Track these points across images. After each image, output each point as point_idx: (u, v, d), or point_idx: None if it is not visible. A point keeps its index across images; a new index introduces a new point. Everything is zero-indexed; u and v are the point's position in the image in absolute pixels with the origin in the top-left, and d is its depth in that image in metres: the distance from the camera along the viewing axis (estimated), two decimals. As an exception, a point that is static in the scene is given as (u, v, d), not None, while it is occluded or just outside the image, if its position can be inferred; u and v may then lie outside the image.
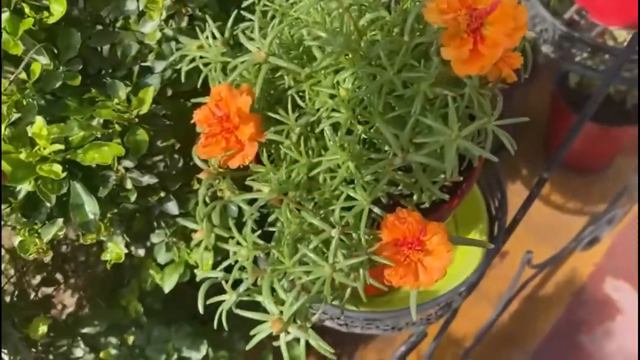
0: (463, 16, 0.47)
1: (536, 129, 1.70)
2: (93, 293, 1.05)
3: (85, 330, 0.95)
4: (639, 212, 1.56)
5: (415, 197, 0.60)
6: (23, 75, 0.59)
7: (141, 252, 0.74)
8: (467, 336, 1.45)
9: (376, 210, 0.53)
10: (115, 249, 0.68)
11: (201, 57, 0.62)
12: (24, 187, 0.61)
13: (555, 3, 1.24)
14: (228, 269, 0.56)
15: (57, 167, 0.58)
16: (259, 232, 0.54)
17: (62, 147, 0.57)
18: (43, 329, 0.82)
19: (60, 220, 0.62)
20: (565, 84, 1.53)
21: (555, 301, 1.52)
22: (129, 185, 0.64)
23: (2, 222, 0.64)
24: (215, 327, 0.54)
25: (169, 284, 0.76)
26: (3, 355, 0.80)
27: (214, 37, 0.62)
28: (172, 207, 0.70)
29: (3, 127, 0.58)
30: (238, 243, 0.54)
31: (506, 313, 1.47)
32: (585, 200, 1.64)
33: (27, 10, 0.60)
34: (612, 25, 1.11)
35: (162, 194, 0.69)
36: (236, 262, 0.54)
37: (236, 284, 0.56)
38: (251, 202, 0.55)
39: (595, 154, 1.62)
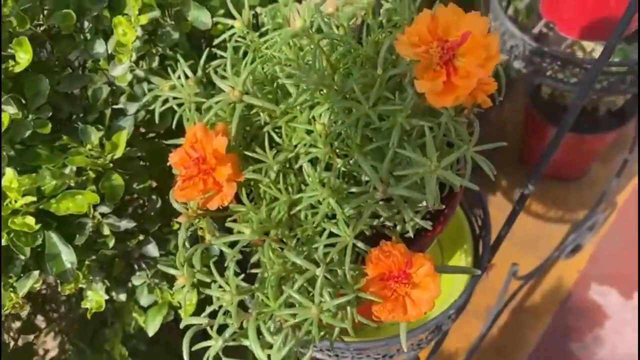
0: (435, 48, 0.47)
1: (512, 141, 1.72)
2: (76, 336, 1.02)
3: (68, 377, 0.92)
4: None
5: (398, 228, 0.59)
6: (-9, 126, 0.58)
7: (122, 296, 0.72)
8: (459, 352, 1.45)
9: (360, 245, 0.52)
10: (96, 297, 0.66)
11: (174, 98, 0.61)
12: (-3, 242, 0.59)
13: (523, 18, 1.26)
14: (213, 314, 0.55)
15: (30, 220, 0.56)
16: (242, 275, 0.53)
17: (34, 199, 0.56)
18: (24, 380, 0.79)
19: (36, 273, 0.60)
20: (538, 96, 1.54)
21: (543, 311, 1.52)
22: (106, 231, 0.63)
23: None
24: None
25: (152, 327, 0.74)
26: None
27: (187, 77, 0.61)
28: (152, 249, 0.68)
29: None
30: (221, 287, 0.53)
31: (495, 326, 1.47)
32: (564, 208, 1.65)
33: (-8, 60, 0.58)
34: (579, 38, 1.13)
35: (141, 237, 0.67)
36: (220, 306, 0.53)
37: (223, 327, 0.55)
38: (233, 243, 0.54)
39: (571, 162, 1.64)
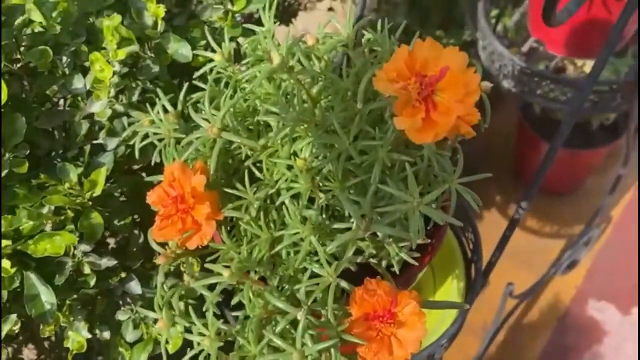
0: (413, 84, 0.46)
1: (505, 155, 1.71)
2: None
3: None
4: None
5: (384, 263, 0.58)
6: (-34, 167, 0.57)
7: (106, 334, 0.71)
8: (456, 373, 1.43)
9: (343, 284, 0.51)
10: (77, 338, 0.65)
11: (154, 133, 0.60)
12: (-27, 285, 0.57)
13: (512, 35, 1.26)
14: (196, 357, 0.53)
15: (6, 263, 0.55)
16: (222, 320, 0.51)
17: (9, 242, 0.55)
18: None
19: (13, 316, 0.59)
20: (530, 110, 1.54)
21: (541, 328, 1.50)
22: (87, 270, 0.61)
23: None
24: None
25: (138, 363, 0.73)
26: None
27: (166, 111, 0.60)
28: (135, 286, 0.67)
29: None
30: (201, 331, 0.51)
31: (493, 344, 1.45)
32: (559, 223, 1.64)
33: (-34, 100, 0.57)
34: (568, 56, 1.12)
35: (123, 275, 0.66)
36: (201, 350, 0.52)
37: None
38: (213, 285, 0.52)
39: (566, 176, 1.63)
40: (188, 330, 0.52)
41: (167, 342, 0.72)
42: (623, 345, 1.45)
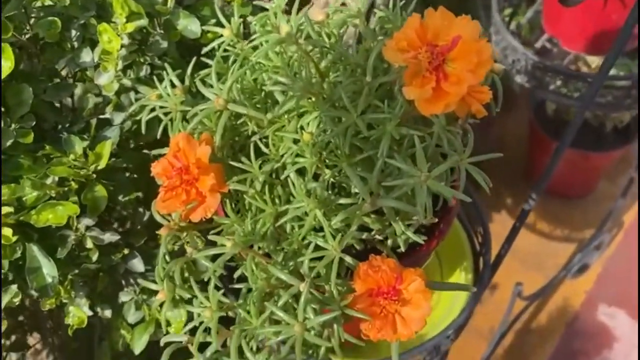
0: (424, 54, 0.45)
1: (516, 157, 1.69)
2: (68, 355, 0.99)
3: (56, 396, 0.90)
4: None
5: (390, 242, 0.57)
6: (-29, 135, 0.56)
7: (108, 313, 0.70)
8: (462, 375, 1.40)
9: (348, 259, 0.50)
10: (78, 313, 0.64)
11: (161, 107, 0.59)
12: (-26, 253, 0.57)
13: (526, 33, 1.25)
14: (195, 331, 0.52)
15: (8, 231, 0.54)
16: (223, 290, 0.50)
17: (11, 209, 0.54)
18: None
19: (14, 287, 0.58)
20: (542, 112, 1.52)
21: (549, 332, 1.48)
22: (89, 244, 0.61)
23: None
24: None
25: (139, 345, 0.72)
26: None
27: (174, 86, 0.60)
28: (138, 264, 0.66)
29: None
30: (202, 303, 0.50)
31: (500, 347, 1.43)
32: (570, 227, 1.62)
33: (-27, 68, 0.57)
34: (583, 52, 1.11)
35: (126, 251, 0.65)
36: (202, 323, 0.51)
37: (205, 345, 0.52)
38: (215, 257, 0.52)
39: (577, 180, 1.61)
40: (189, 302, 0.51)
41: (168, 324, 0.71)
42: (633, 352, 1.42)
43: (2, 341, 0.98)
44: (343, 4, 0.61)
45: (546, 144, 1.52)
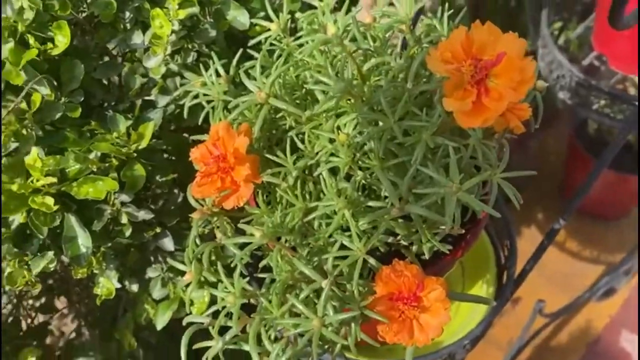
0: (467, 67, 0.45)
1: (553, 172, 1.67)
2: (92, 322, 1.03)
3: (76, 362, 0.93)
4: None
5: (414, 248, 0.57)
6: (24, 105, 0.59)
7: (135, 287, 0.73)
8: (475, 385, 1.40)
9: (371, 261, 0.51)
10: (107, 284, 0.66)
11: (204, 95, 0.61)
12: (17, 218, 0.60)
13: (574, 49, 1.23)
14: (217, 314, 0.54)
15: (50, 200, 0.57)
16: (248, 278, 0.52)
17: (54, 179, 0.57)
18: (32, 360, 0.80)
19: (50, 253, 0.61)
20: (584, 130, 1.50)
21: (569, 352, 1.46)
22: (124, 219, 0.63)
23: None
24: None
25: (161, 320, 0.74)
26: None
27: (219, 75, 0.61)
28: (168, 243, 0.68)
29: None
30: (227, 288, 0.52)
31: (517, 362, 1.42)
32: (601, 249, 1.59)
33: (31, 41, 0.60)
34: (631, 74, 1.09)
35: (158, 230, 0.67)
36: (224, 307, 0.52)
37: (225, 329, 0.54)
38: (244, 245, 0.53)
39: (613, 201, 1.58)
40: (213, 286, 0.53)
41: (192, 303, 0.73)
42: (652, 381, 1.40)
43: (32, 303, 1.01)
44: (391, 4, 0.61)
45: (584, 162, 1.49)
